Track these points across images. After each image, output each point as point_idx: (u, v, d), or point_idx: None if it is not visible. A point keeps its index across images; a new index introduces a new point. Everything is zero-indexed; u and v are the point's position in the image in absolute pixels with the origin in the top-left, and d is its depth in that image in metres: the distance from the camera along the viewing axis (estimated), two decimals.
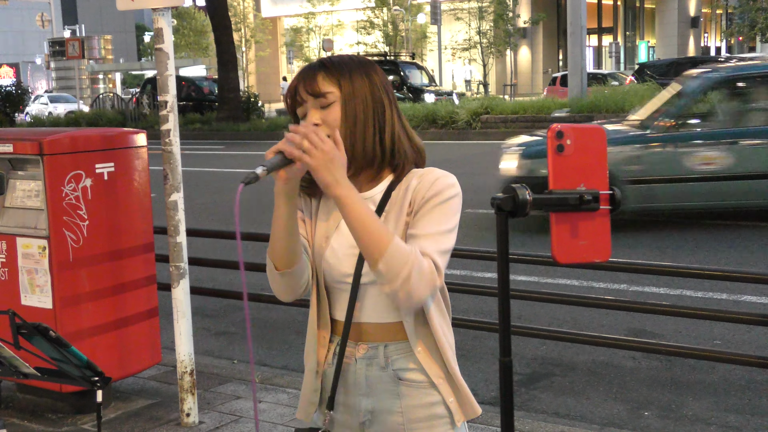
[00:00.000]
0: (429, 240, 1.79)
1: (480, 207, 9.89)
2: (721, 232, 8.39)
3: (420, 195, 1.84)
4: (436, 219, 1.81)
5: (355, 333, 1.90)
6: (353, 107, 1.84)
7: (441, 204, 1.82)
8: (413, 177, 1.88)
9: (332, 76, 1.84)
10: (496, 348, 5.37)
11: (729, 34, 49.24)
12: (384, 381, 1.89)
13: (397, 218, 1.86)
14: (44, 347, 1.99)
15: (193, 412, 4.19)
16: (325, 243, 1.92)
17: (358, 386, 1.92)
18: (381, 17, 42.47)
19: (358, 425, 1.94)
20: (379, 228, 1.71)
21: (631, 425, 4.33)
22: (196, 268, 5.63)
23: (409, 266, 1.70)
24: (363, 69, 1.88)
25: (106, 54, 39.58)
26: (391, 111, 1.89)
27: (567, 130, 1.65)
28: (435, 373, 1.90)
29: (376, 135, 1.85)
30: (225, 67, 24.71)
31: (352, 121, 1.83)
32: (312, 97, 1.84)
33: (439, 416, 1.92)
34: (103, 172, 4.18)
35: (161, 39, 3.94)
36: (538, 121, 19.00)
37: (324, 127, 1.82)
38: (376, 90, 1.87)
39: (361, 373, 1.91)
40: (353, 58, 1.92)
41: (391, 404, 1.90)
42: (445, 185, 1.84)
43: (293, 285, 1.87)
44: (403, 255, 1.70)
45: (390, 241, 1.70)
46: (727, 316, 4.65)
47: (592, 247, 1.68)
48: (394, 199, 1.88)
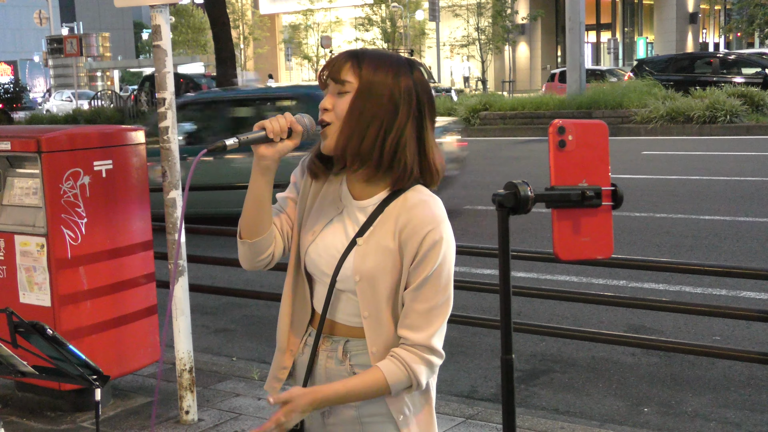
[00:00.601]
0: (425, 319, 1.83)
1: (479, 203, 9.88)
2: (720, 228, 8.39)
3: (412, 248, 1.82)
4: (431, 291, 1.83)
5: (327, 328, 1.94)
6: (362, 102, 1.82)
7: (435, 271, 1.82)
8: (408, 207, 1.84)
9: (357, 67, 1.83)
10: (494, 344, 5.39)
11: (727, 30, 49.28)
12: (340, 374, 1.92)
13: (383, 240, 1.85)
14: (42, 346, 1.97)
15: (192, 410, 4.19)
16: (310, 237, 1.94)
17: (319, 378, 1.95)
18: (379, 14, 42.40)
19: (319, 415, 1.97)
20: (370, 386, 1.83)
21: (630, 421, 4.33)
22: (195, 266, 5.61)
23: (414, 381, 1.83)
24: (394, 69, 1.85)
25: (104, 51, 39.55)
26: (407, 119, 1.84)
27: (569, 126, 1.64)
28: (396, 408, 1.90)
29: (379, 137, 1.82)
30: (223, 64, 24.62)
31: (357, 115, 1.82)
32: (332, 81, 1.85)
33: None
34: (102, 169, 4.17)
35: (159, 36, 3.92)
36: (536, 118, 19.01)
37: (331, 113, 1.84)
38: (398, 93, 1.83)
39: (321, 365, 1.94)
40: (392, 57, 1.89)
41: None
42: (434, 241, 1.81)
43: (252, 255, 1.95)
44: (403, 380, 1.83)
45: (386, 384, 1.82)
46: (727, 312, 4.64)
47: (595, 244, 1.67)
48: (387, 214, 1.86)
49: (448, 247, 1.83)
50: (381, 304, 1.85)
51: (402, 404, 1.90)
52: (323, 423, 1.97)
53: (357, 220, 1.90)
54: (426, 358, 1.83)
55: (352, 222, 1.90)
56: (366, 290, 1.85)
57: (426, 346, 1.83)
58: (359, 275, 1.85)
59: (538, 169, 12.13)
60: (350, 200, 1.92)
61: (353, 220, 1.90)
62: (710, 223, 8.68)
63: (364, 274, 1.84)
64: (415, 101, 1.86)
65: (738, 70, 21.88)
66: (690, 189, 10.83)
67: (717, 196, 10.16)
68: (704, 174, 11.93)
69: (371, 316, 1.86)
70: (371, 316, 1.86)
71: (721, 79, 20.84)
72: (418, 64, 1.91)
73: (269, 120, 1.80)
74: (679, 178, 11.71)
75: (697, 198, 10.15)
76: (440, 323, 1.85)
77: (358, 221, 1.89)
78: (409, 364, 1.82)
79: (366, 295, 1.85)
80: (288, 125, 1.81)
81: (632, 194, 10.03)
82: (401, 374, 1.81)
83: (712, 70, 21.99)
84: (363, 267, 1.85)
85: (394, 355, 1.83)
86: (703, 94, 18.18)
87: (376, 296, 1.85)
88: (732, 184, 11.06)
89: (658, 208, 9.56)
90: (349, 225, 1.90)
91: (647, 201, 9.92)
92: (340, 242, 1.89)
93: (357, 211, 1.90)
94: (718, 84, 19.91)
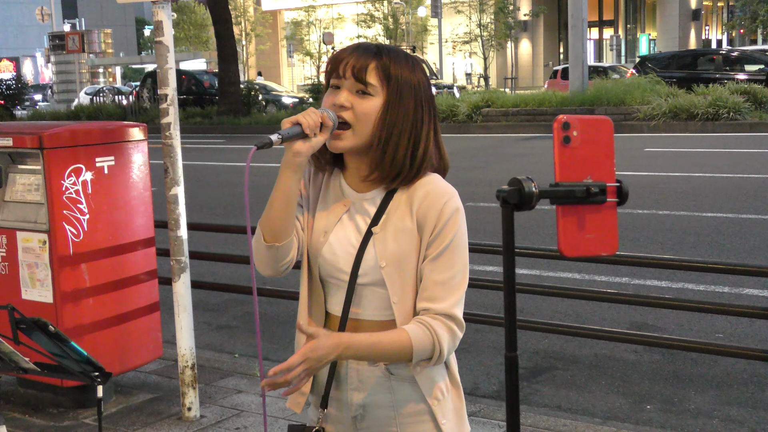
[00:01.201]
0: (445, 290, 1.82)
1: (481, 200, 9.87)
2: (723, 225, 8.37)
3: (431, 221, 1.82)
4: (450, 261, 1.83)
5: (352, 328, 1.89)
6: (395, 115, 1.80)
7: (453, 241, 1.83)
8: (418, 185, 1.85)
9: (384, 71, 1.80)
10: (497, 341, 5.38)
11: (730, 27, 49.18)
12: (375, 375, 1.89)
13: (400, 223, 1.84)
14: (44, 342, 1.97)
15: (195, 407, 4.18)
16: (323, 238, 1.90)
17: (349, 381, 1.91)
18: (381, 10, 42.37)
19: (350, 420, 1.93)
20: (395, 343, 1.78)
21: (633, 419, 4.32)
22: (197, 262, 5.61)
23: (437, 348, 1.80)
24: (412, 80, 1.83)
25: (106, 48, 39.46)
26: (429, 126, 1.85)
27: (573, 121, 1.63)
28: (432, 394, 1.90)
29: (409, 148, 1.82)
30: (225, 60, 24.67)
31: (390, 129, 1.80)
32: (354, 80, 1.80)
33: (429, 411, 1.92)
34: (104, 165, 4.16)
35: (161, 32, 3.91)
36: (539, 115, 18.98)
37: (351, 112, 1.80)
38: (420, 105, 1.83)
39: (352, 368, 1.90)
40: (409, 59, 1.85)
41: (383, 398, 1.89)
42: (453, 210, 1.83)
43: (277, 260, 1.85)
44: (428, 345, 1.79)
45: (411, 346, 1.78)
46: (730, 309, 4.63)
47: (599, 241, 1.66)
48: (397, 201, 1.86)
49: (462, 217, 1.85)
50: (408, 287, 1.84)
51: (435, 389, 1.88)
52: (356, 428, 1.93)
53: (367, 212, 1.87)
54: (450, 326, 1.81)
55: (362, 215, 1.88)
56: (393, 275, 1.83)
57: (448, 314, 1.81)
58: (385, 261, 1.82)
59: (540, 166, 12.12)
60: (354, 195, 1.90)
61: (363, 214, 1.88)
62: (713, 220, 8.67)
63: (390, 259, 1.82)
64: (431, 107, 1.86)
65: (741, 66, 21.84)
66: (693, 186, 10.81)
67: (720, 194, 10.14)
68: (707, 171, 11.91)
69: (401, 301, 1.84)
70: (401, 301, 1.84)
71: (723, 76, 20.81)
72: (420, 60, 1.91)
73: (302, 114, 1.75)
74: (681, 175, 11.70)
75: (699, 195, 10.13)
76: (460, 293, 1.84)
77: (369, 213, 1.87)
78: (434, 329, 1.79)
79: (393, 280, 1.83)
80: (320, 119, 1.76)
81: (635, 191, 9.99)
82: (426, 339, 1.78)
83: (715, 67, 21.96)
84: (387, 252, 1.83)
85: (420, 320, 1.81)
86: (706, 91, 18.15)
87: (404, 279, 1.83)
88: (735, 181, 11.05)
89: (660, 205, 9.54)
90: (360, 219, 1.88)
91: (650, 198, 9.90)
92: (354, 237, 1.86)
93: (364, 203, 1.88)
94: (721, 81, 19.89)
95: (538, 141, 16.67)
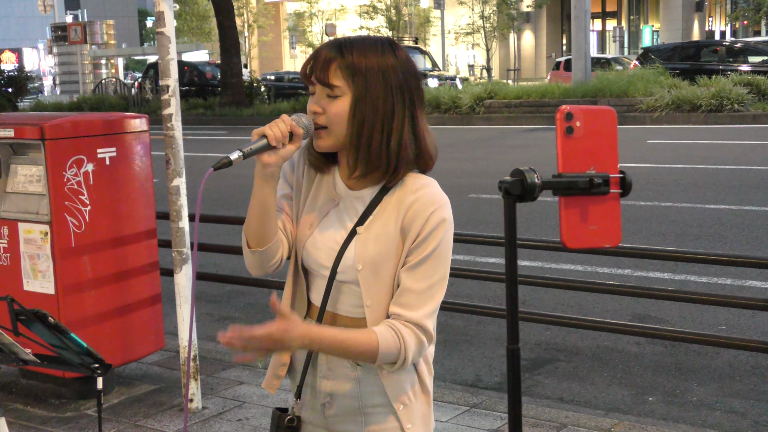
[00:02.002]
0: (420, 299, 1.81)
1: (483, 192, 9.85)
2: (725, 217, 8.36)
3: (415, 228, 1.81)
4: (429, 270, 1.81)
5: (329, 319, 1.91)
6: (362, 109, 1.79)
7: (435, 252, 1.81)
8: (409, 191, 1.83)
9: (346, 69, 1.78)
10: (499, 333, 5.38)
11: (734, 18, 49.05)
12: (343, 365, 1.90)
13: (384, 227, 1.83)
14: (43, 334, 1.96)
15: (197, 398, 4.18)
16: (308, 231, 1.91)
17: (319, 368, 1.93)
18: (384, 1, 42.28)
19: (319, 407, 1.95)
20: (361, 344, 1.78)
21: (635, 410, 4.32)
22: (199, 254, 5.60)
23: (402, 354, 1.79)
24: (382, 61, 1.80)
25: (108, 39, 39.38)
26: (403, 114, 1.81)
27: (576, 112, 1.61)
28: (398, 399, 1.89)
29: (383, 140, 1.80)
30: (228, 52, 24.63)
31: (360, 124, 1.79)
32: (320, 84, 1.80)
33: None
34: (105, 157, 4.15)
35: (163, 23, 3.90)
36: (542, 106, 18.94)
37: (324, 116, 1.81)
38: (389, 91, 1.80)
39: (323, 356, 1.92)
40: (375, 45, 1.82)
41: (349, 388, 1.91)
42: (439, 221, 1.81)
43: (263, 262, 1.90)
44: (393, 349, 1.78)
45: (377, 348, 1.77)
46: (732, 301, 4.62)
47: (603, 232, 1.65)
48: (385, 204, 1.85)
49: (449, 229, 1.83)
50: (383, 291, 1.83)
51: (402, 394, 1.88)
52: (324, 415, 1.95)
53: (355, 211, 1.87)
54: (419, 336, 1.80)
55: (350, 213, 1.88)
56: (368, 278, 1.83)
57: (420, 324, 1.80)
58: (362, 263, 1.83)
59: (543, 158, 12.09)
60: (346, 191, 1.89)
61: (351, 211, 1.88)
62: (716, 212, 8.65)
63: (367, 262, 1.83)
64: (407, 92, 1.82)
65: (744, 58, 21.77)
66: (695, 178, 10.79)
67: (722, 185, 10.12)
68: (710, 163, 11.88)
69: (374, 304, 1.84)
70: (374, 304, 1.84)
71: (727, 68, 20.73)
72: (399, 45, 1.86)
73: (268, 126, 1.76)
74: (684, 167, 11.67)
75: (702, 187, 10.11)
76: (434, 304, 1.83)
77: (357, 211, 1.87)
78: (403, 336, 1.78)
79: (368, 283, 1.83)
80: (288, 129, 1.77)
81: (637, 183, 9.90)
82: (393, 344, 1.78)
83: (719, 59, 21.89)
84: (365, 255, 1.83)
85: (391, 324, 1.80)
86: (709, 82, 18.09)
87: (379, 284, 1.83)
88: (738, 172, 11.02)
89: (663, 196, 9.52)
90: (347, 216, 1.88)
91: (652, 190, 9.88)
92: (339, 234, 1.87)
93: (354, 201, 1.88)
94: (724, 72, 19.81)
95: (540, 132, 16.64)
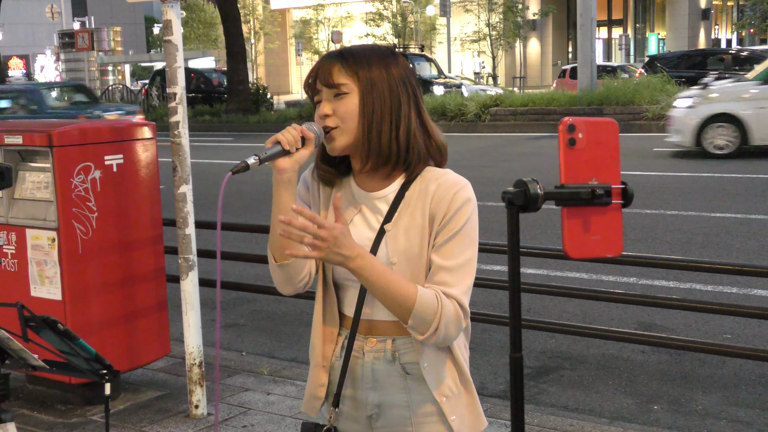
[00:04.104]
0: (454, 276, 1.81)
1: (489, 200, 9.87)
2: (731, 225, 8.35)
3: (441, 210, 1.83)
4: (459, 248, 1.82)
5: (365, 328, 1.90)
6: (371, 101, 1.83)
7: (463, 229, 1.82)
8: (430, 180, 1.87)
9: (349, 68, 1.83)
10: (504, 341, 5.37)
11: (740, 26, 48.99)
12: (391, 375, 1.89)
13: (411, 220, 1.85)
14: (53, 340, 1.98)
15: (202, 404, 4.20)
16: None
17: (365, 380, 1.91)
18: (390, 9, 42.37)
19: (365, 419, 1.93)
20: (402, 288, 1.75)
21: (640, 419, 4.32)
22: (205, 260, 5.62)
23: (437, 319, 1.75)
24: (383, 61, 1.86)
25: (115, 46, 39.49)
26: (408, 107, 1.86)
27: (579, 124, 1.63)
28: (439, 391, 1.89)
29: (392, 131, 1.84)
30: (234, 58, 24.72)
31: (370, 116, 1.83)
32: (326, 87, 1.84)
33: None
34: (112, 163, 4.18)
35: (170, 31, 3.93)
36: (547, 114, 18.94)
37: (334, 117, 1.83)
38: (394, 84, 1.85)
39: (368, 367, 1.90)
40: (375, 49, 1.90)
41: (398, 398, 1.89)
42: (464, 200, 1.83)
43: (291, 278, 1.88)
44: (431, 309, 1.75)
45: (415, 299, 1.74)
46: (738, 310, 4.62)
47: (604, 242, 1.66)
48: (408, 198, 1.87)
49: (474, 208, 1.84)
50: (419, 282, 1.83)
51: (443, 385, 1.87)
52: (371, 427, 1.94)
53: (379, 211, 1.89)
54: (456, 308, 1.79)
55: (374, 214, 1.90)
56: (405, 272, 1.83)
57: (458, 300, 1.79)
58: (396, 257, 1.83)
59: (549, 166, 12.10)
60: (365, 195, 1.91)
61: (375, 212, 1.90)
62: (721, 220, 8.64)
63: (401, 254, 1.84)
64: (409, 87, 1.88)
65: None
66: (701, 186, 10.79)
67: (728, 194, 10.11)
68: (716, 171, 11.88)
69: None
70: None
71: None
72: (399, 52, 1.93)
73: (281, 133, 1.79)
74: (690, 175, 11.67)
75: (708, 195, 10.10)
76: (468, 282, 1.83)
77: (381, 211, 1.89)
78: (442, 301, 1.77)
79: (405, 276, 1.82)
80: (299, 133, 1.80)
81: (643, 191, 10.00)
82: (431, 303, 1.75)
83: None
84: (398, 248, 1.84)
85: (432, 287, 1.79)
86: None
87: (415, 275, 1.83)
88: (744, 181, 11.01)
89: (669, 205, 9.52)
90: (372, 218, 1.89)
91: (658, 198, 9.88)
92: (367, 237, 1.87)
93: (377, 202, 1.90)
94: None
95: (546, 140, 16.65)
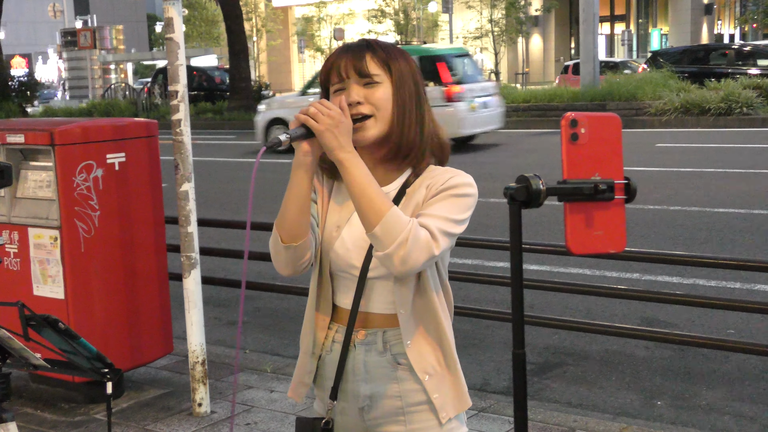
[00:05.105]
0: (434, 219, 1.79)
1: (491, 196, 9.85)
2: (734, 221, 8.34)
3: (434, 188, 1.85)
4: (446, 207, 1.82)
5: (361, 320, 1.92)
6: (403, 95, 1.86)
7: (454, 196, 1.83)
8: (430, 176, 1.88)
9: (380, 59, 1.86)
10: (507, 337, 5.37)
11: (743, 21, 48.90)
12: (382, 366, 1.90)
13: (411, 212, 1.86)
14: (54, 339, 1.98)
15: (205, 402, 4.20)
16: (335, 232, 1.92)
17: (356, 372, 1.92)
18: (392, 6, 42.29)
19: (357, 411, 1.95)
20: (379, 194, 1.74)
21: (644, 415, 4.31)
22: (208, 258, 5.63)
23: (405, 233, 1.71)
24: (403, 55, 1.90)
25: (117, 44, 39.52)
26: (426, 104, 1.92)
27: (581, 119, 1.63)
28: (422, 368, 1.89)
29: (418, 124, 1.87)
30: (236, 56, 24.73)
31: (402, 107, 1.85)
32: (357, 76, 1.85)
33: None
34: (115, 162, 4.18)
35: (172, 28, 3.92)
36: (550, 110, 18.92)
37: (367, 105, 1.84)
38: (416, 82, 1.89)
39: (360, 359, 1.91)
40: (395, 47, 1.93)
41: (390, 389, 1.91)
42: (462, 182, 1.85)
43: (295, 260, 1.86)
44: (401, 222, 1.73)
45: (389, 208, 1.73)
46: (741, 305, 4.61)
47: (607, 238, 1.66)
48: (410, 195, 1.88)
49: (472, 191, 1.85)
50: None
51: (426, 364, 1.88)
52: (362, 419, 1.94)
53: None
54: (427, 236, 1.74)
55: None
56: None
57: (430, 229, 1.76)
58: None
59: (551, 162, 12.08)
60: None
61: None
62: (725, 215, 8.63)
63: None
64: (422, 85, 1.92)
65: (753, 61, 21.72)
66: (704, 181, 10.77)
67: (732, 189, 10.10)
68: (719, 166, 11.86)
69: None
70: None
71: (736, 71, 20.70)
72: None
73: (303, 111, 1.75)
74: (693, 171, 11.65)
75: (711, 190, 10.09)
76: (446, 228, 1.78)
77: None
78: (414, 224, 1.73)
79: None
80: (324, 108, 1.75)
81: (646, 187, 9.98)
82: (403, 219, 1.73)
83: (727, 62, 21.85)
84: None
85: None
86: (718, 85, 18.06)
87: None
88: (747, 176, 10.99)
89: (672, 200, 9.51)
90: None
91: (661, 193, 9.87)
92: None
93: None
94: (734, 75, 19.78)
95: (548, 136, 16.63)
